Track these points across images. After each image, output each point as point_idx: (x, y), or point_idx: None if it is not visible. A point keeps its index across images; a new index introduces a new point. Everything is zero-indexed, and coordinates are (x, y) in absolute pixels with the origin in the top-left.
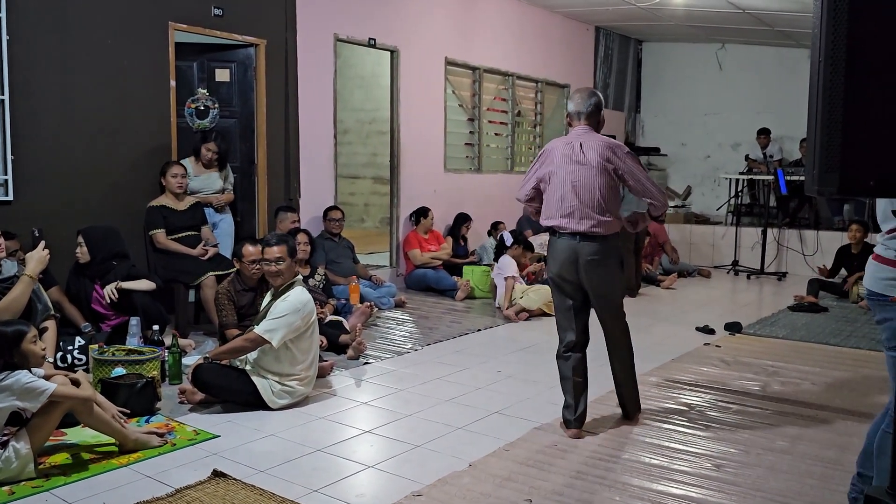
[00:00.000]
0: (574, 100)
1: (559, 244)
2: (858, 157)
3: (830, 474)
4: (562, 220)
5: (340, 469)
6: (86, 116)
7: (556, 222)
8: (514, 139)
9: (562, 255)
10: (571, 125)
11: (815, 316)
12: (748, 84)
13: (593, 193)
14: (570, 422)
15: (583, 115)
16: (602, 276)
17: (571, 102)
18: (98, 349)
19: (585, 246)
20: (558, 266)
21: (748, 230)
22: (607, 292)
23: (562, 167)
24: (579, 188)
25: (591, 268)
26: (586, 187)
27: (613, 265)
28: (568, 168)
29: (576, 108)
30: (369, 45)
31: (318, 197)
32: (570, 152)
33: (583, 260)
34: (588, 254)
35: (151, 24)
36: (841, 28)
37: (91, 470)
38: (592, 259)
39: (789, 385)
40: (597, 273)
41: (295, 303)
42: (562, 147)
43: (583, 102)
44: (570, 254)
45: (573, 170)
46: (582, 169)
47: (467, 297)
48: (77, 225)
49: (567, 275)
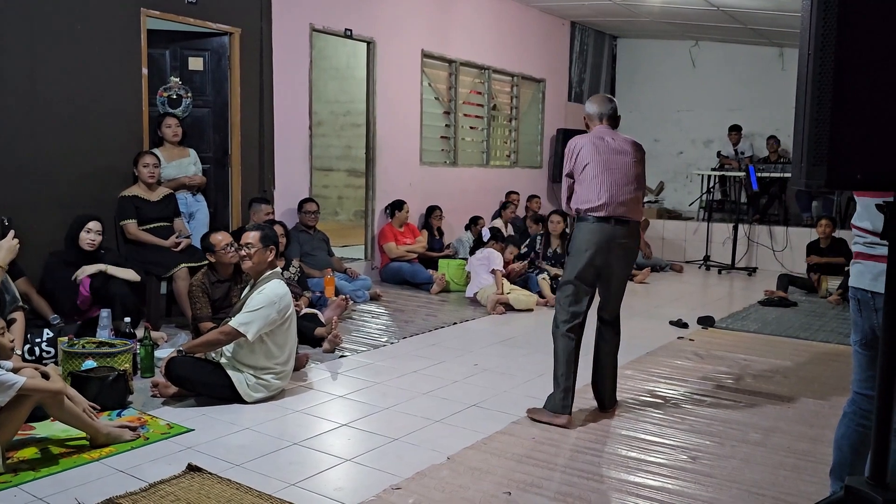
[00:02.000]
0: (595, 103)
1: (594, 227)
2: (846, 151)
3: (803, 465)
4: (598, 204)
5: (318, 463)
6: (54, 104)
7: (592, 205)
8: (489, 133)
9: (595, 237)
10: (590, 126)
11: (785, 310)
12: (721, 81)
13: (630, 179)
14: (568, 407)
15: (605, 116)
16: (627, 261)
17: (593, 105)
18: (68, 341)
19: (619, 229)
20: (593, 248)
21: (719, 226)
22: (625, 276)
23: (597, 156)
24: (617, 174)
25: (622, 251)
26: (623, 173)
27: (637, 250)
28: (604, 157)
29: (598, 109)
30: (345, 36)
31: (292, 189)
32: (604, 144)
33: (615, 243)
34: (621, 236)
35: (123, 10)
36: (830, 20)
37: (61, 465)
38: (624, 242)
39: (761, 378)
40: (625, 257)
41: (271, 295)
42: (591, 141)
43: (604, 105)
44: (603, 236)
45: (610, 158)
46: (618, 157)
47: (442, 291)
48: (46, 215)
49: (598, 258)
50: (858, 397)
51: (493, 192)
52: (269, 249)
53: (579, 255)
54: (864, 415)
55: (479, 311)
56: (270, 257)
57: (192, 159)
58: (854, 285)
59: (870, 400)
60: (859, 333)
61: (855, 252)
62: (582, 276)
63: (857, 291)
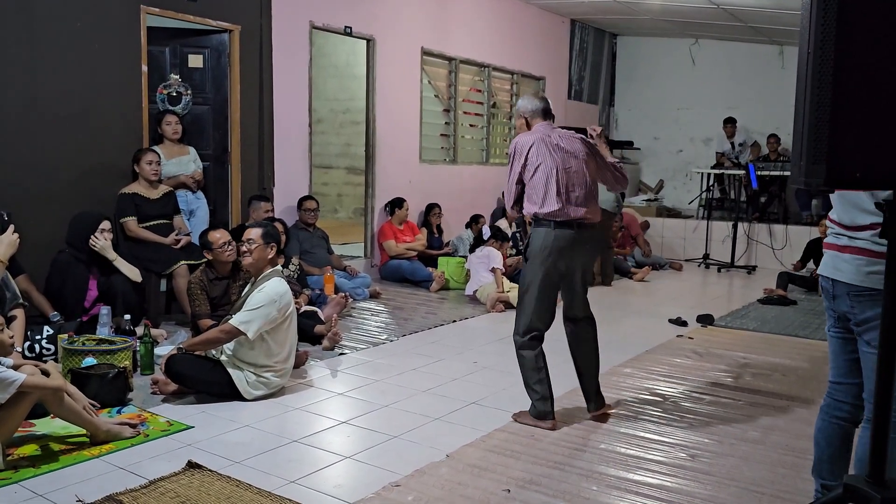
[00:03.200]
0: (531, 99)
1: (557, 234)
2: (845, 149)
3: (802, 463)
4: (556, 209)
5: (317, 460)
6: (54, 101)
7: (550, 210)
8: (489, 131)
9: (558, 243)
10: (530, 124)
11: (785, 309)
12: (721, 79)
13: (585, 180)
14: (550, 412)
15: (544, 111)
16: (590, 264)
17: (531, 102)
18: (68, 339)
19: (582, 233)
20: (555, 254)
21: (719, 224)
22: (589, 279)
23: (549, 157)
24: (573, 175)
25: (586, 254)
26: (580, 174)
27: (598, 252)
28: (555, 156)
29: (537, 105)
30: (345, 34)
31: (292, 186)
32: (553, 143)
33: (579, 247)
34: (585, 241)
35: (123, 7)
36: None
37: (61, 461)
38: (587, 246)
39: (761, 376)
40: (589, 260)
41: (271, 293)
42: (540, 139)
43: (540, 101)
44: (566, 242)
45: (564, 158)
46: (571, 158)
47: (442, 289)
48: (46, 212)
49: (560, 263)
50: (832, 387)
51: (493, 190)
52: (271, 247)
53: (541, 261)
54: (838, 406)
55: (479, 308)
56: (271, 255)
57: (192, 157)
58: (819, 272)
59: (843, 389)
60: (830, 319)
61: (824, 242)
62: (544, 283)
63: (822, 279)
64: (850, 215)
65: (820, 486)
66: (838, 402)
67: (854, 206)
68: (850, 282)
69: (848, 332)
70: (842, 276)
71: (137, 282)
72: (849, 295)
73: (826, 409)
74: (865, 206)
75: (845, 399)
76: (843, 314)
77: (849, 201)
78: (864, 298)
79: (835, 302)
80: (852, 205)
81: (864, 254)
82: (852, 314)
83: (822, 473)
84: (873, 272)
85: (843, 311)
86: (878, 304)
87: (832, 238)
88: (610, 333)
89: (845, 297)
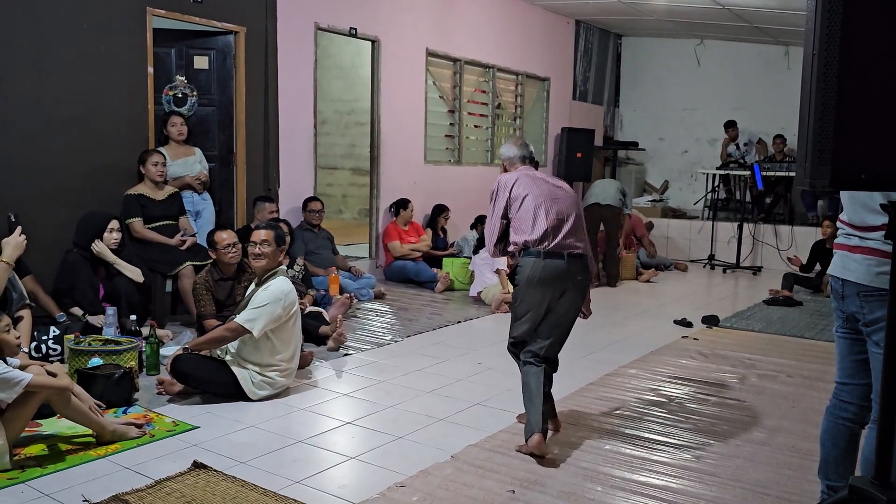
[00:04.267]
0: (513, 146)
1: (546, 264)
2: (850, 150)
3: (807, 465)
4: (544, 235)
5: (322, 460)
6: (60, 102)
7: (538, 237)
8: (494, 132)
9: (548, 273)
10: (508, 169)
11: (790, 310)
12: (726, 80)
13: (573, 211)
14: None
15: (526, 158)
16: (579, 299)
17: (512, 149)
18: (74, 339)
19: (574, 264)
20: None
21: (724, 225)
22: (574, 317)
23: (535, 188)
24: (562, 204)
25: (577, 287)
26: (568, 204)
27: (587, 287)
28: (542, 188)
29: (519, 152)
30: (350, 35)
31: (297, 187)
32: (535, 176)
33: (571, 281)
34: (577, 272)
35: (129, 9)
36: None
37: (68, 461)
38: (580, 279)
39: (766, 377)
40: (579, 293)
41: (276, 292)
42: (522, 174)
43: (524, 148)
44: (556, 272)
45: (549, 190)
46: (558, 191)
47: (447, 289)
48: (51, 213)
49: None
50: (838, 388)
51: None
52: (281, 249)
53: (529, 293)
54: (843, 407)
55: (483, 309)
56: (280, 257)
57: (198, 158)
58: (829, 273)
59: (849, 390)
60: (838, 319)
61: (835, 243)
62: (528, 307)
63: (832, 279)
64: (860, 216)
65: (826, 487)
66: (844, 403)
67: (864, 206)
68: (859, 282)
69: (856, 333)
70: (852, 275)
71: (140, 282)
72: (858, 295)
73: (832, 410)
74: (876, 206)
75: (851, 400)
76: (852, 314)
77: (859, 202)
78: (874, 299)
79: (844, 302)
80: (862, 205)
81: (874, 254)
82: (861, 314)
83: (828, 475)
84: (883, 272)
85: (852, 312)
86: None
87: (843, 238)
88: (615, 334)
89: (855, 298)
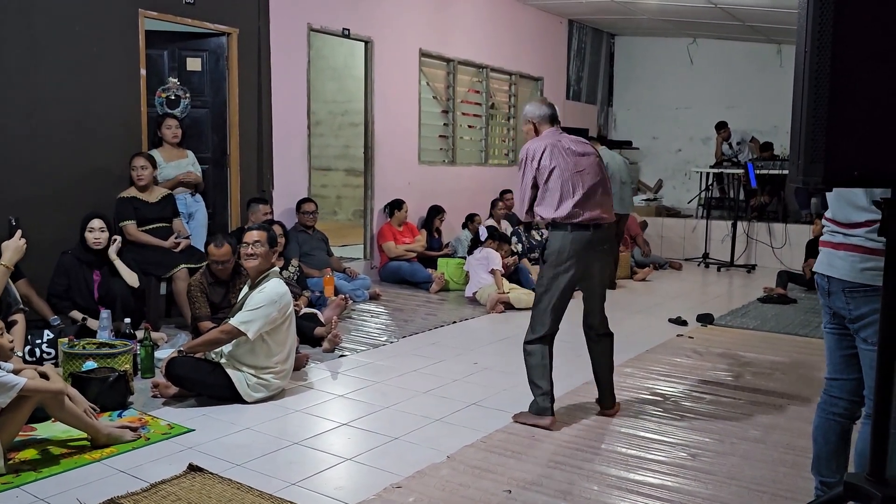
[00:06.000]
0: (539, 105)
1: (574, 236)
2: (843, 148)
3: (803, 462)
4: (573, 211)
5: (318, 462)
6: (53, 105)
7: (566, 212)
8: (487, 132)
9: (576, 246)
10: (539, 130)
11: (785, 307)
12: (719, 78)
13: (600, 180)
14: (549, 409)
15: (552, 117)
16: (609, 263)
17: (539, 108)
18: (68, 342)
19: (598, 234)
20: (573, 257)
21: (718, 223)
22: (606, 280)
23: (562, 160)
24: (587, 176)
25: (604, 255)
26: (594, 174)
27: (614, 252)
28: (570, 160)
29: (546, 111)
30: (343, 36)
31: (291, 189)
32: (563, 146)
33: (596, 249)
34: (601, 241)
35: (121, 11)
36: (827, 17)
37: (62, 465)
38: (605, 247)
39: (761, 375)
40: (607, 260)
41: (271, 294)
42: (551, 143)
43: (548, 107)
44: (583, 245)
45: (577, 161)
46: (584, 159)
47: (441, 290)
48: (46, 216)
49: (579, 265)
50: (828, 383)
51: (492, 190)
52: (274, 250)
53: (558, 265)
54: (834, 402)
55: (479, 309)
56: (273, 258)
57: (191, 160)
58: (815, 270)
59: (838, 385)
60: (826, 316)
61: (820, 240)
62: (561, 286)
63: (817, 276)
64: (844, 213)
65: (819, 483)
66: (834, 399)
67: (849, 203)
68: (844, 278)
69: (843, 329)
70: (836, 272)
71: (135, 287)
72: (843, 291)
73: (823, 406)
74: (860, 203)
75: (841, 395)
76: (838, 311)
77: (844, 199)
78: (859, 295)
79: (830, 298)
80: (847, 202)
81: (858, 250)
82: (847, 311)
83: (821, 471)
84: (867, 268)
85: (837, 308)
86: (873, 301)
87: (828, 236)
88: None
89: (840, 294)
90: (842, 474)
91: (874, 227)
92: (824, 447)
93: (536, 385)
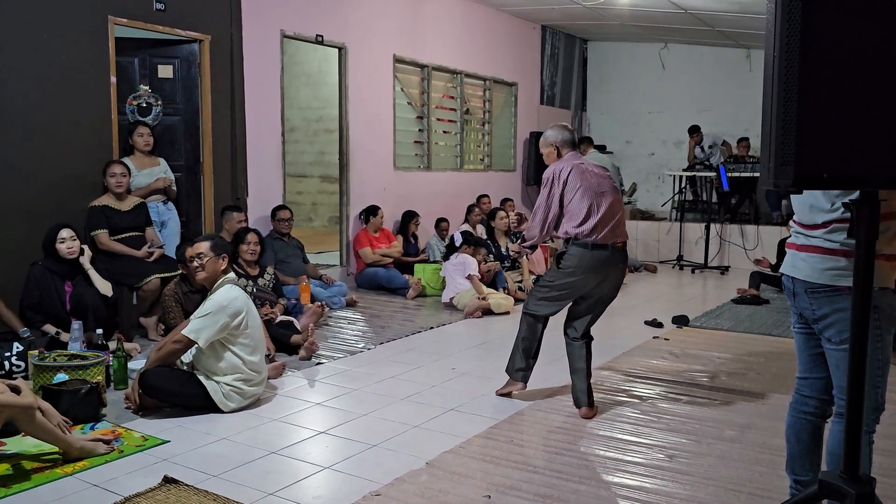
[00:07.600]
0: (561, 130)
1: (594, 254)
2: (812, 150)
3: (778, 461)
4: (594, 229)
5: (296, 471)
6: (21, 113)
7: (590, 230)
8: (462, 137)
9: (594, 263)
10: (561, 153)
11: (758, 308)
12: (690, 83)
13: (618, 202)
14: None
15: (573, 142)
16: (617, 284)
17: (561, 133)
18: (38, 355)
19: (616, 254)
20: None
21: (692, 226)
22: (611, 299)
23: (584, 181)
24: (608, 197)
25: (615, 276)
26: (613, 196)
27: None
28: (592, 181)
29: (568, 136)
30: (316, 42)
31: (265, 196)
32: (585, 168)
33: (611, 267)
34: (618, 261)
35: (90, 18)
36: (794, 22)
37: (34, 480)
38: (620, 267)
39: (736, 375)
40: (616, 281)
41: (219, 300)
42: (574, 165)
43: (569, 133)
44: (600, 262)
45: (600, 182)
46: (604, 182)
47: (419, 295)
48: (14, 225)
49: (590, 280)
50: (799, 382)
51: (468, 195)
52: (222, 258)
53: (572, 274)
54: (804, 401)
55: (456, 315)
56: (223, 266)
57: (163, 168)
58: (781, 271)
59: (808, 384)
60: (793, 316)
61: (787, 242)
62: (568, 290)
63: (784, 277)
64: (808, 215)
65: (794, 482)
66: (805, 398)
67: (810, 205)
68: (806, 279)
69: (810, 329)
70: (799, 273)
71: (108, 296)
72: (806, 292)
73: (794, 405)
74: (820, 205)
75: (811, 394)
76: (803, 311)
77: (806, 201)
78: (820, 295)
79: (795, 299)
80: (808, 205)
81: (818, 251)
82: (810, 311)
83: (794, 469)
84: (827, 269)
85: (802, 309)
86: (834, 301)
87: (793, 237)
88: None
89: (803, 295)
90: (815, 473)
91: (832, 227)
92: (797, 446)
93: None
